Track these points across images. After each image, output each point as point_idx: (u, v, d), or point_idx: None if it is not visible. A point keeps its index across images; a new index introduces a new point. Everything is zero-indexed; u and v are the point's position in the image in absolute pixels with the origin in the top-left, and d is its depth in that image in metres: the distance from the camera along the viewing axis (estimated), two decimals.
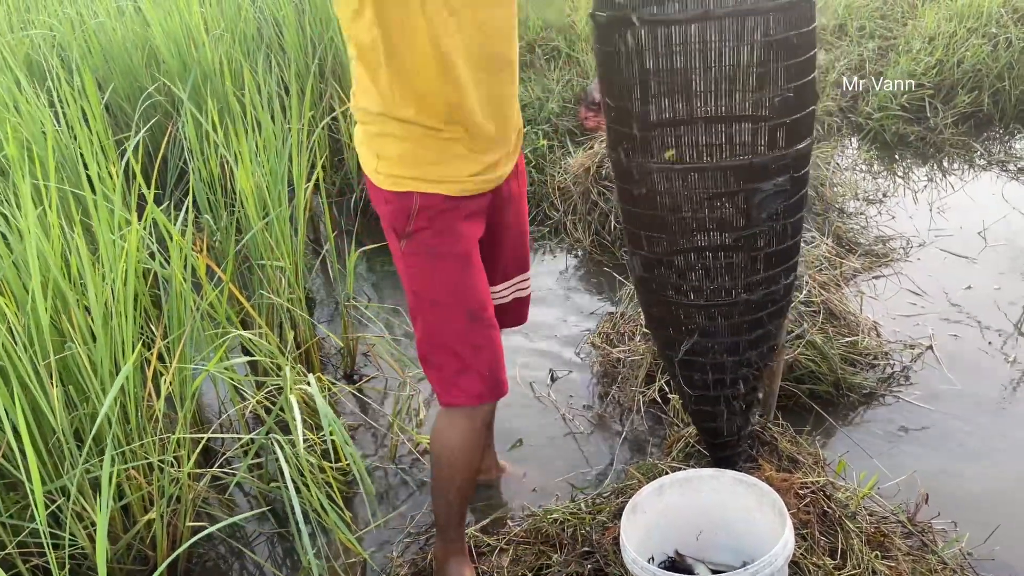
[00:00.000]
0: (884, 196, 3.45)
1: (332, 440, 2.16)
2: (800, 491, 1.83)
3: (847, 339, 2.46)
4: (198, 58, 3.51)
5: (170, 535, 1.97)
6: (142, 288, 2.20)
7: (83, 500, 1.83)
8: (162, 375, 2.02)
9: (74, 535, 1.80)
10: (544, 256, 3.34)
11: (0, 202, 2.24)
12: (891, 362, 2.48)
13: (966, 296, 2.77)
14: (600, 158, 3.37)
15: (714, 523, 1.75)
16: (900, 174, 3.65)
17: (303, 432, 1.96)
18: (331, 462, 2.18)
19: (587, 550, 1.86)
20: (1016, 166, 3.60)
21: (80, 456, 1.78)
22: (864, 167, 3.69)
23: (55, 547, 1.79)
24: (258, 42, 3.97)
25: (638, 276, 1.77)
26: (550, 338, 2.82)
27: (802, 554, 1.73)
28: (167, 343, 2.12)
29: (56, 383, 1.80)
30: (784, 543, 1.53)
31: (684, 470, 1.77)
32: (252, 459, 2.11)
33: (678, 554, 1.75)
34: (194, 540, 1.73)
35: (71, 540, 1.80)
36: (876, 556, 1.75)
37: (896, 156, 3.80)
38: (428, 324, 1.68)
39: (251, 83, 2.87)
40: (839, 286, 2.73)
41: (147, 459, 1.91)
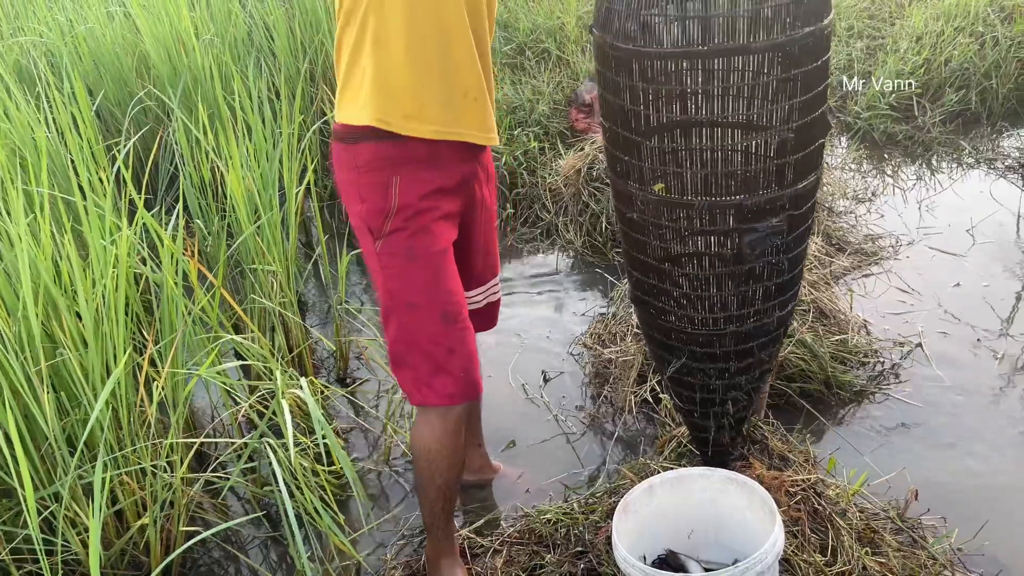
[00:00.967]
0: (873, 195, 3.46)
1: (325, 443, 2.17)
2: (791, 489, 1.84)
3: (837, 337, 2.47)
4: (188, 63, 3.51)
5: (164, 540, 1.97)
6: (133, 293, 2.20)
7: (76, 506, 1.83)
8: (154, 380, 2.02)
9: (67, 541, 1.80)
10: (535, 257, 3.35)
11: None
12: (881, 360, 2.49)
13: (955, 293, 2.79)
14: (591, 159, 3.38)
15: (705, 521, 1.76)
16: (889, 173, 3.67)
17: (296, 436, 1.96)
18: (324, 465, 2.19)
19: (580, 550, 1.87)
20: (1004, 164, 3.62)
21: (72, 462, 1.78)
22: (853, 166, 3.71)
23: (48, 553, 1.79)
24: (248, 47, 3.97)
25: (632, 294, 1.77)
26: (542, 339, 2.82)
27: (793, 551, 1.74)
28: (159, 348, 2.12)
29: (48, 389, 1.80)
30: (774, 541, 1.54)
31: (675, 469, 1.78)
32: (245, 463, 2.11)
33: (671, 552, 1.76)
34: (188, 545, 1.74)
35: (64, 546, 1.80)
36: (866, 552, 1.76)
37: (885, 155, 3.82)
38: (402, 325, 1.68)
39: (241, 88, 2.87)
40: (829, 284, 2.75)
41: (140, 464, 1.91)
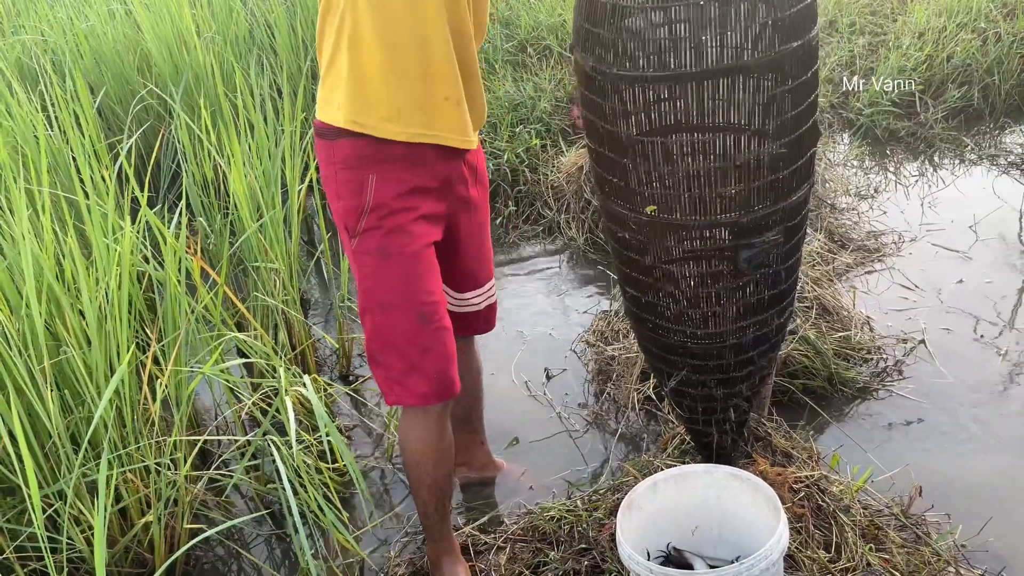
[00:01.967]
0: (875, 191, 3.46)
1: (328, 441, 2.17)
2: (794, 485, 1.84)
3: (840, 334, 2.47)
4: (190, 61, 3.51)
5: (168, 538, 1.98)
6: (137, 291, 2.20)
7: (80, 504, 1.83)
8: (158, 378, 2.02)
9: (72, 539, 1.81)
10: (538, 255, 3.34)
11: None
12: (884, 356, 2.49)
13: (958, 290, 2.78)
14: None
15: (709, 518, 1.76)
16: (891, 169, 3.67)
17: (299, 433, 1.96)
18: (328, 463, 2.19)
19: (584, 547, 1.87)
20: (1006, 160, 3.62)
21: (77, 460, 1.78)
22: (855, 163, 3.70)
23: (53, 551, 1.79)
24: (249, 44, 3.97)
25: (628, 309, 1.75)
26: (545, 336, 2.82)
27: (797, 547, 1.74)
28: (162, 346, 2.12)
29: (51, 387, 1.80)
30: (779, 537, 1.54)
31: (679, 466, 1.78)
32: (249, 461, 2.11)
33: (675, 549, 1.76)
34: (193, 543, 1.74)
35: (68, 544, 1.80)
36: (870, 549, 1.76)
37: (887, 151, 3.81)
38: (377, 323, 1.68)
39: (243, 85, 2.87)
40: (832, 281, 2.75)
41: (144, 462, 1.91)
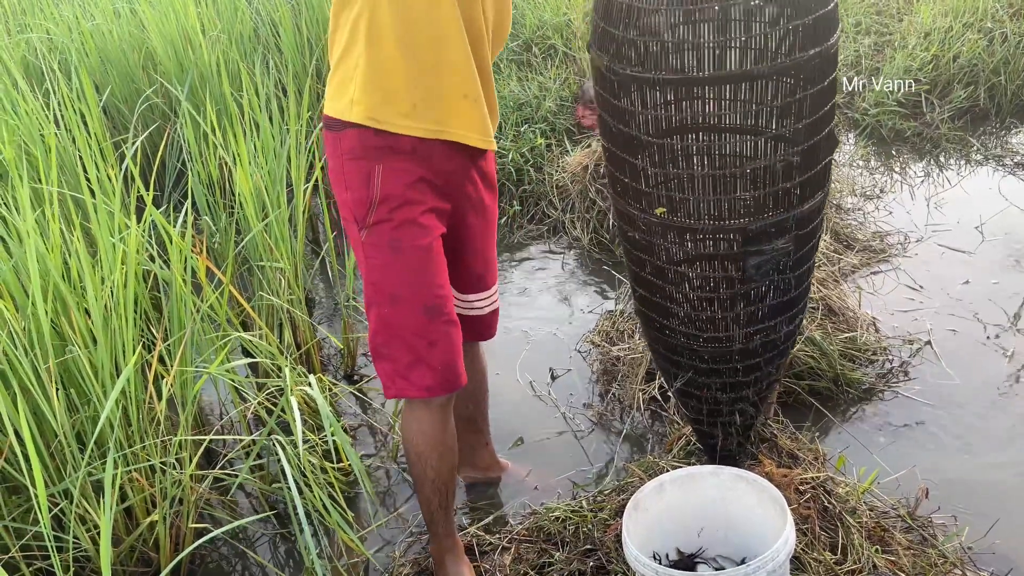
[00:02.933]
0: (881, 192, 3.45)
1: (333, 440, 2.17)
2: (800, 487, 1.84)
3: (846, 335, 2.47)
4: (195, 60, 3.51)
5: (173, 537, 1.98)
6: (142, 290, 2.20)
7: (86, 503, 1.83)
8: (163, 377, 2.02)
9: (77, 538, 1.81)
10: (543, 254, 3.34)
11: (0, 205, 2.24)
12: (890, 357, 2.48)
13: (964, 291, 2.77)
14: (598, 156, 3.37)
15: (715, 520, 1.76)
16: (897, 169, 3.66)
17: (304, 433, 1.96)
18: (332, 462, 2.19)
19: (589, 548, 1.87)
20: (1012, 160, 3.61)
21: (83, 459, 1.78)
22: (861, 163, 3.70)
23: (58, 550, 1.79)
24: (255, 43, 3.97)
25: (636, 308, 1.75)
26: (549, 336, 2.82)
27: (803, 549, 1.74)
28: (168, 345, 2.12)
29: (57, 386, 1.80)
30: (785, 539, 1.53)
31: (685, 467, 1.78)
32: (254, 460, 2.11)
33: (679, 552, 1.76)
34: (199, 543, 1.74)
35: (74, 543, 1.80)
36: (876, 550, 1.76)
37: (893, 151, 3.80)
38: (384, 317, 1.68)
39: (249, 84, 2.87)
40: (837, 282, 2.74)
41: (149, 461, 1.91)
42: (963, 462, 2.13)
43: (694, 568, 1.74)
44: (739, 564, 1.72)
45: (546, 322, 2.90)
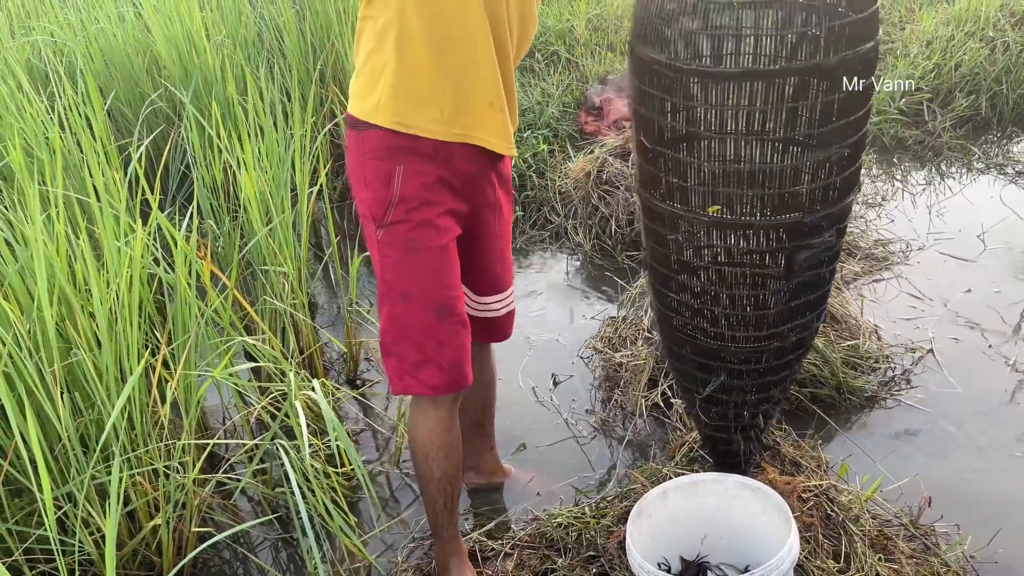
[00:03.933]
0: (883, 200, 3.46)
1: (336, 445, 2.17)
2: (803, 495, 1.84)
3: (848, 343, 2.47)
4: (199, 64, 3.52)
5: (176, 541, 1.98)
6: (147, 294, 2.20)
7: (90, 507, 1.83)
8: (167, 381, 2.02)
9: (81, 541, 1.81)
10: (545, 260, 3.35)
11: (5, 208, 2.25)
12: (892, 365, 2.49)
13: (966, 299, 2.78)
14: (600, 162, 3.38)
15: (719, 527, 1.76)
16: (899, 178, 3.67)
17: (307, 437, 1.96)
18: (335, 467, 2.19)
19: (592, 554, 1.87)
20: (1014, 169, 3.62)
21: (90, 463, 1.78)
22: (863, 171, 3.70)
23: (62, 553, 1.79)
24: (259, 48, 3.98)
25: (663, 315, 1.72)
26: (552, 342, 2.82)
27: (806, 557, 1.74)
28: (172, 349, 2.12)
29: (62, 389, 1.81)
30: (790, 547, 1.54)
31: (689, 475, 1.78)
32: (257, 464, 2.12)
33: (683, 560, 1.76)
34: (203, 547, 1.74)
35: (78, 546, 1.80)
36: (879, 559, 1.76)
37: (895, 160, 3.81)
38: (396, 315, 1.70)
39: (253, 89, 2.87)
40: (840, 290, 2.75)
41: (152, 465, 1.91)
42: (966, 470, 2.13)
43: None
44: (743, 572, 1.73)
45: (548, 328, 2.90)
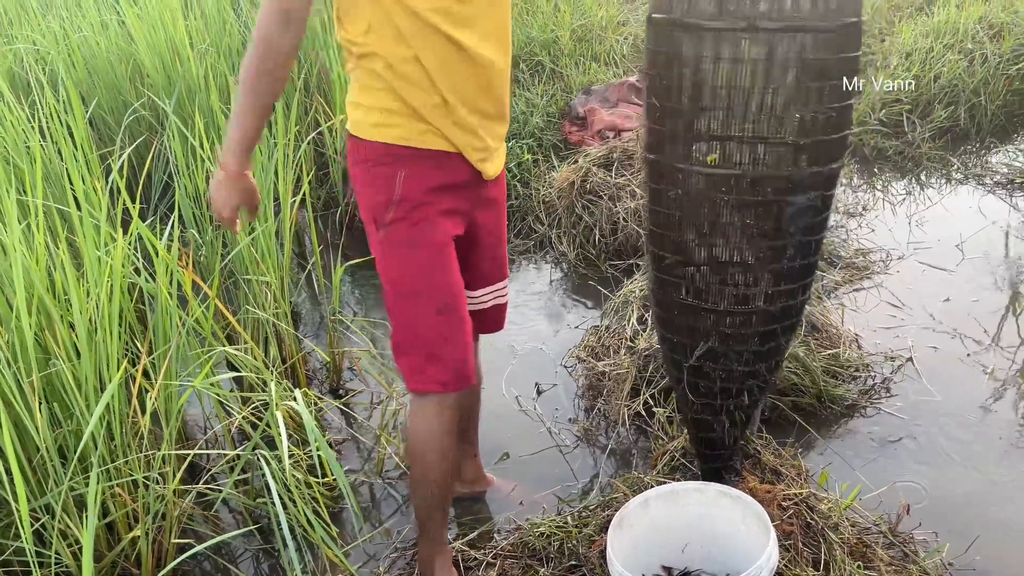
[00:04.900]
0: (864, 209, 3.49)
1: (318, 455, 2.16)
2: (783, 503, 1.85)
3: (829, 351, 2.49)
4: (183, 72, 3.51)
5: (155, 552, 1.96)
6: (127, 304, 2.19)
7: (67, 518, 1.82)
8: (147, 391, 2.01)
9: (59, 553, 1.79)
10: (529, 270, 3.35)
11: None
12: (872, 374, 2.51)
13: (945, 308, 2.81)
14: (584, 172, 3.40)
15: (700, 536, 1.76)
16: (879, 188, 3.70)
17: (289, 447, 1.96)
18: (317, 477, 2.18)
19: (574, 563, 1.87)
20: (992, 180, 3.66)
21: (67, 474, 1.77)
22: (844, 181, 3.74)
23: (39, 565, 1.78)
24: (243, 56, 3.97)
25: (658, 278, 1.78)
26: (535, 351, 2.83)
27: (786, 565, 1.75)
28: (152, 359, 2.11)
29: (40, 400, 1.79)
30: (768, 555, 1.54)
31: (669, 483, 1.79)
32: (238, 475, 2.10)
33: (664, 569, 1.77)
34: (182, 558, 1.73)
35: (55, 558, 1.79)
36: (858, 567, 1.77)
37: (875, 170, 3.85)
38: (401, 313, 1.73)
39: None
40: (820, 299, 2.77)
41: (132, 476, 1.90)
42: (944, 478, 2.15)
43: None
44: None
45: (532, 337, 2.91)
